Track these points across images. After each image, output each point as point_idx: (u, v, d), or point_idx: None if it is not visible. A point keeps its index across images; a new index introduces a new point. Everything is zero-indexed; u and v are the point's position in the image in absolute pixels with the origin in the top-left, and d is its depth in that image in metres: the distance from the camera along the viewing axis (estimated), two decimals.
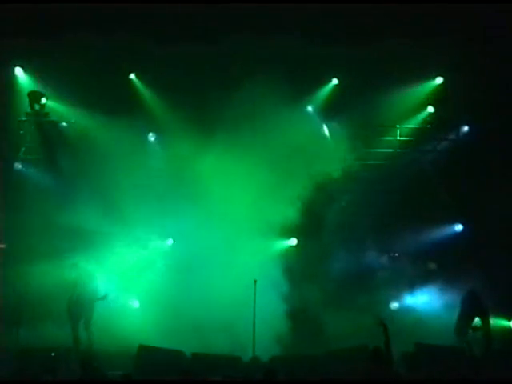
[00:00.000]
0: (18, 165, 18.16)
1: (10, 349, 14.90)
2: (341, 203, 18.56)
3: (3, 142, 17.83)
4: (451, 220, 18.76)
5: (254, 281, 15.37)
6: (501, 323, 16.95)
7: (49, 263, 16.10)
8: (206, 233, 17.16)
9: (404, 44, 17.09)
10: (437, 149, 19.40)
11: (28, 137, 18.19)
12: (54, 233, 16.97)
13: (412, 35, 16.83)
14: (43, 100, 17.57)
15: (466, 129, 18.88)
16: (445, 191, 18.67)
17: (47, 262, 16.11)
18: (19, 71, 17.93)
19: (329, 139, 18.66)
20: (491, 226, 17.81)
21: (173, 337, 15.55)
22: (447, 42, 16.86)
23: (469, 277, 16.35)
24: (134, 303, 17.44)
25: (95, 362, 12.24)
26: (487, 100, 17.60)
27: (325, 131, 18.71)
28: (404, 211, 18.70)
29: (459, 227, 18.81)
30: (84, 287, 15.95)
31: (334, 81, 18.50)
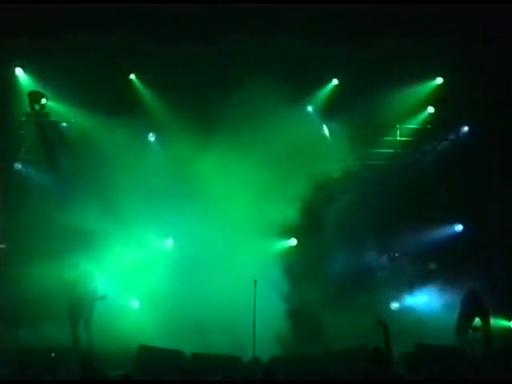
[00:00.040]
0: (18, 165, 18.15)
1: (10, 349, 14.87)
2: (341, 203, 18.56)
3: (3, 142, 17.80)
4: (451, 220, 18.76)
5: (254, 281, 15.36)
6: (501, 323, 16.95)
7: (49, 263, 16.07)
8: (206, 233, 17.14)
9: (404, 44, 17.09)
10: (437, 149, 19.43)
11: (28, 137, 18.18)
12: (54, 233, 16.97)
13: (412, 35, 16.83)
14: (43, 100, 17.56)
15: (466, 129, 18.89)
16: (445, 191, 18.68)
17: (47, 262, 16.09)
18: (19, 71, 17.93)
19: (329, 139, 18.65)
20: (491, 226, 17.81)
21: (173, 337, 15.53)
22: (447, 42, 16.86)
23: (469, 277, 16.35)
24: (134, 303, 17.42)
25: (95, 362, 12.22)
26: (487, 100, 17.61)
27: (325, 131, 18.70)
28: (404, 211, 18.71)
29: (459, 227, 18.81)
30: (84, 287, 15.95)
31: (334, 81, 18.50)
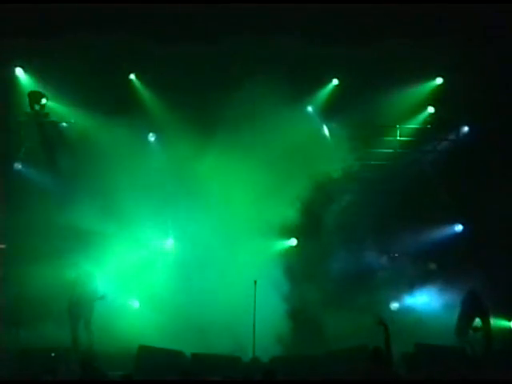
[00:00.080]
0: (18, 165, 18.14)
1: (10, 349, 14.88)
2: (341, 203, 18.54)
3: (3, 142, 17.82)
4: (451, 220, 18.75)
5: (254, 281, 15.36)
6: (501, 323, 16.94)
7: (49, 263, 16.09)
8: (207, 233, 17.14)
9: (404, 44, 17.07)
10: (437, 149, 19.42)
11: (28, 137, 18.18)
12: (54, 233, 16.97)
13: (412, 35, 16.80)
14: (43, 100, 17.50)
15: (466, 129, 18.87)
16: (445, 191, 18.68)
17: (47, 262, 16.10)
18: (19, 71, 17.92)
19: (329, 139, 18.64)
20: (491, 226, 17.81)
21: (173, 337, 15.53)
22: (447, 42, 16.83)
23: (469, 277, 16.34)
24: (134, 303, 17.43)
25: (95, 362, 12.23)
26: (487, 100, 17.59)
27: (325, 131, 18.69)
28: (404, 211, 18.70)
29: (459, 227, 18.80)
30: (84, 287, 15.95)
31: (335, 81, 18.48)
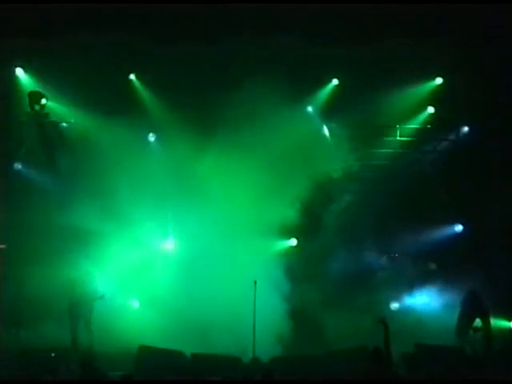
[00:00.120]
0: (18, 165, 18.16)
1: (10, 349, 14.89)
2: (341, 203, 18.55)
3: (3, 142, 17.83)
4: (451, 220, 18.75)
5: (254, 281, 15.35)
6: (501, 323, 16.94)
7: (49, 263, 16.09)
8: (207, 233, 17.15)
9: (404, 44, 17.03)
10: (437, 149, 19.41)
11: (28, 137, 18.15)
12: (54, 233, 16.96)
13: (412, 35, 16.77)
14: (43, 100, 17.45)
15: (466, 129, 18.87)
16: (445, 191, 18.67)
17: (47, 262, 16.11)
18: (20, 71, 17.91)
19: (329, 139, 18.64)
20: (491, 226, 17.80)
21: (173, 337, 15.53)
22: (447, 42, 16.81)
23: (469, 277, 16.35)
24: (134, 303, 17.43)
25: (95, 363, 12.21)
26: (487, 100, 17.57)
27: (325, 131, 18.69)
28: (404, 211, 18.71)
29: (459, 228, 18.80)
30: (84, 287, 15.97)
31: (335, 81, 18.46)
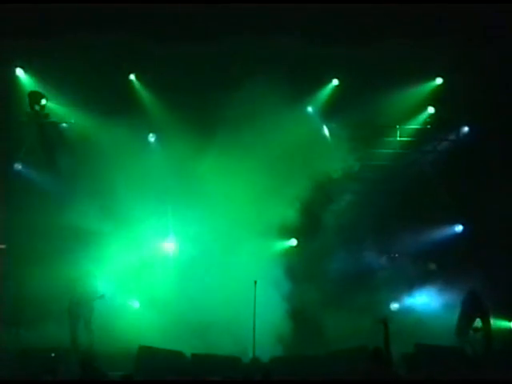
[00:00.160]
0: (18, 165, 18.17)
1: (11, 349, 14.90)
2: (341, 204, 18.55)
3: (3, 143, 17.84)
4: (451, 220, 18.75)
5: (254, 281, 15.35)
6: (501, 324, 16.94)
7: (49, 263, 16.09)
8: (207, 233, 17.16)
9: (404, 44, 17.03)
10: (437, 149, 19.42)
11: (28, 137, 18.16)
12: (54, 233, 16.96)
13: (412, 35, 16.76)
14: (43, 101, 17.45)
15: (466, 129, 18.87)
16: (445, 191, 18.68)
17: (47, 262, 16.11)
18: (20, 72, 17.91)
19: (329, 140, 18.63)
20: (491, 226, 17.81)
21: (173, 337, 15.53)
22: (447, 42, 16.81)
23: (469, 277, 16.35)
24: (134, 303, 17.43)
25: (95, 363, 12.21)
26: (487, 100, 17.57)
27: (325, 132, 18.69)
28: (404, 211, 18.72)
29: (459, 228, 18.81)
30: (84, 287, 15.98)
31: (335, 81, 18.45)
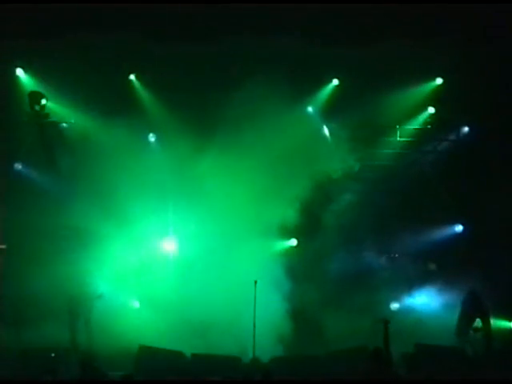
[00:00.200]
0: (18, 165, 18.19)
1: (11, 349, 14.93)
2: (341, 204, 18.54)
3: (3, 142, 17.86)
4: (451, 220, 18.76)
5: (254, 282, 15.35)
6: (501, 324, 16.94)
7: (49, 263, 16.10)
8: (207, 233, 17.16)
9: (404, 44, 17.01)
10: (437, 149, 19.44)
11: (28, 137, 18.16)
12: (54, 233, 16.97)
13: (412, 35, 16.76)
14: (43, 101, 17.42)
15: (467, 129, 18.87)
16: (445, 192, 18.68)
17: (47, 262, 16.12)
18: (20, 72, 17.91)
19: (329, 140, 18.64)
20: (491, 226, 17.81)
21: (173, 337, 15.54)
22: (447, 42, 16.81)
23: (469, 277, 16.36)
24: (134, 303, 17.43)
25: (95, 362, 12.23)
26: (487, 100, 17.57)
27: (325, 132, 18.69)
28: (404, 211, 18.72)
29: (459, 228, 18.81)
30: (84, 287, 15.99)
31: (335, 81, 18.45)
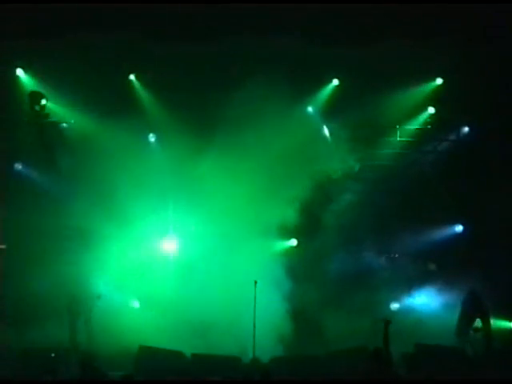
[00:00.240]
0: (18, 165, 18.20)
1: (11, 349, 14.93)
2: (341, 204, 18.54)
3: (3, 142, 17.87)
4: (451, 221, 18.76)
5: (255, 282, 15.35)
6: (501, 324, 16.94)
7: (49, 263, 16.10)
8: (207, 233, 17.17)
9: (404, 44, 17.02)
10: (437, 149, 19.43)
11: (28, 138, 18.16)
12: (54, 233, 16.96)
13: (412, 35, 16.76)
14: (43, 101, 17.42)
15: (467, 129, 18.87)
16: (445, 192, 18.67)
17: (47, 262, 16.12)
18: (20, 72, 17.91)
19: (329, 140, 18.64)
20: (491, 226, 17.81)
21: (173, 337, 15.54)
22: (447, 42, 16.81)
23: (469, 277, 16.36)
24: (134, 303, 17.43)
25: (95, 362, 12.21)
26: (487, 100, 17.57)
27: (325, 132, 18.69)
28: (404, 211, 18.71)
29: (459, 228, 18.80)
30: (84, 286, 15.98)
31: (335, 81, 18.45)
